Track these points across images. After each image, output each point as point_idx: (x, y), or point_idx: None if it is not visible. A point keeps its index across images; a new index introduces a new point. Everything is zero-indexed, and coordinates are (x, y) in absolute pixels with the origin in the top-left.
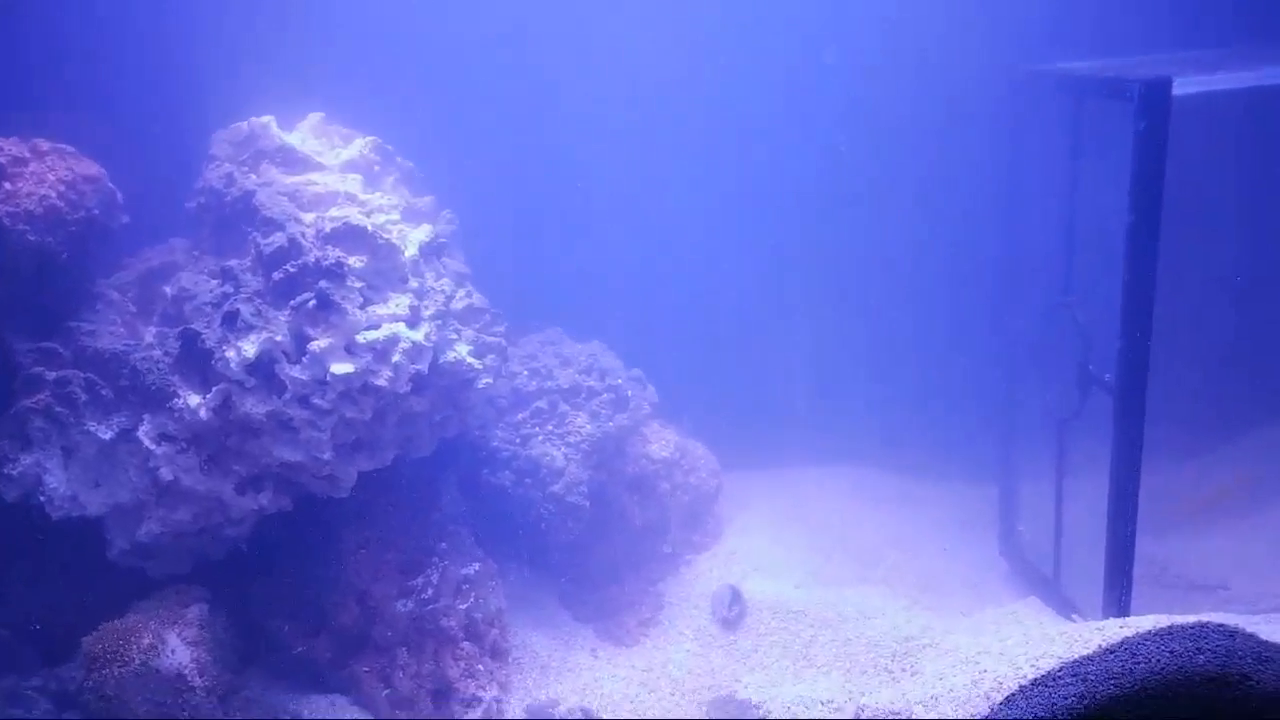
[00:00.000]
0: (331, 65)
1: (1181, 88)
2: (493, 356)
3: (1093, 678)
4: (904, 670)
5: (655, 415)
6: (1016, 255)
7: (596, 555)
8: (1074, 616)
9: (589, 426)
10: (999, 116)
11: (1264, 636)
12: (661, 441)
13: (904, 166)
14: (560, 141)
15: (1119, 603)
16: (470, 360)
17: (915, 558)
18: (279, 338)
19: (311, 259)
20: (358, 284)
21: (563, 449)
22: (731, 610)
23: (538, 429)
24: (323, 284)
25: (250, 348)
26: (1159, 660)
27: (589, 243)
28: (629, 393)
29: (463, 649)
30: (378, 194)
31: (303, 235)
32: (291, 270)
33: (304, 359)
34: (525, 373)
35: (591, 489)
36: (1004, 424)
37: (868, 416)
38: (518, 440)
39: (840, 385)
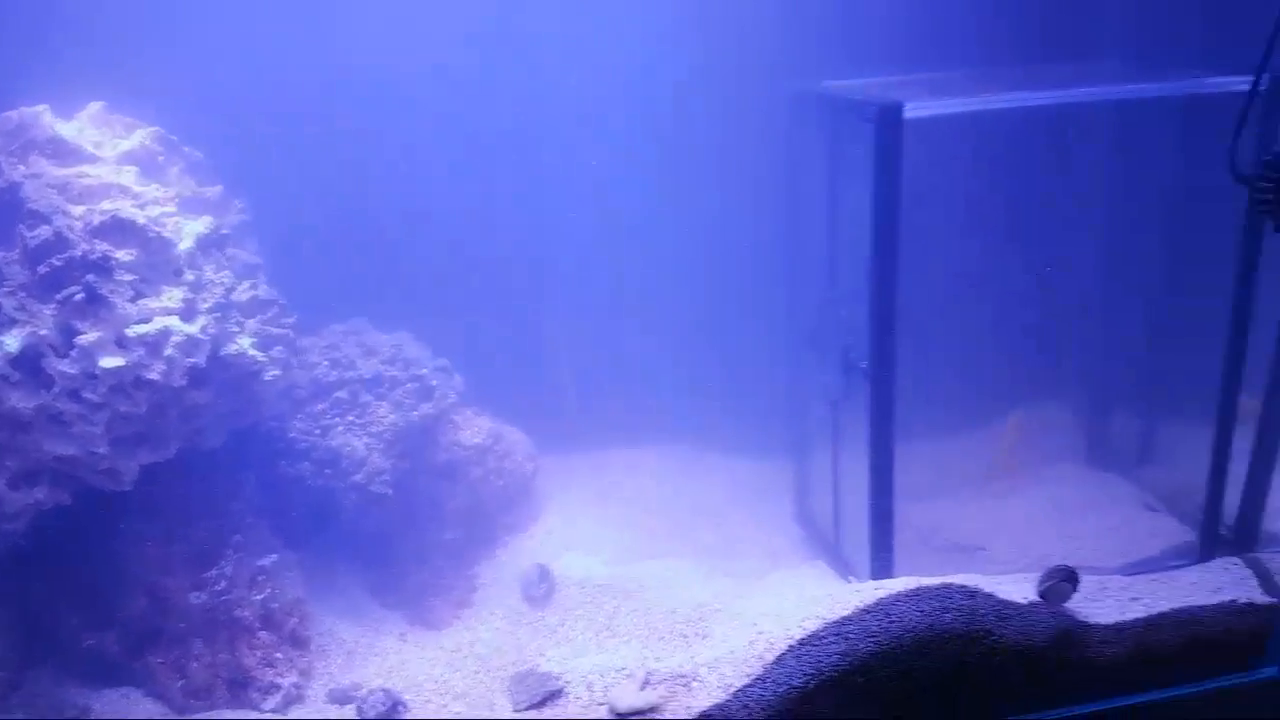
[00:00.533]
0: (126, 51)
1: (913, 111)
2: (280, 348)
3: (853, 636)
4: (697, 635)
5: (469, 403)
6: (799, 257)
7: (406, 543)
8: (850, 578)
9: (392, 416)
10: (784, 132)
11: (1005, 595)
12: (474, 429)
13: (701, 174)
14: (373, 133)
15: (881, 566)
16: (253, 353)
17: (721, 527)
18: (44, 331)
19: (79, 253)
20: (128, 277)
21: (364, 439)
22: (539, 588)
23: (338, 419)
24: (90, 278)
25: (13, 341)
26: (911, 619)
27: (407, 233)
28: (434, 382)
29: (260, 638)
30: (154, 186)
31: (70, 229)
32: (58, 264)
33: (72, 353)
34: (325, 363)
35: (397, 477)
36: (794, 405)
37: (681, 400)
38: (317, 431)
39: (654, 372)
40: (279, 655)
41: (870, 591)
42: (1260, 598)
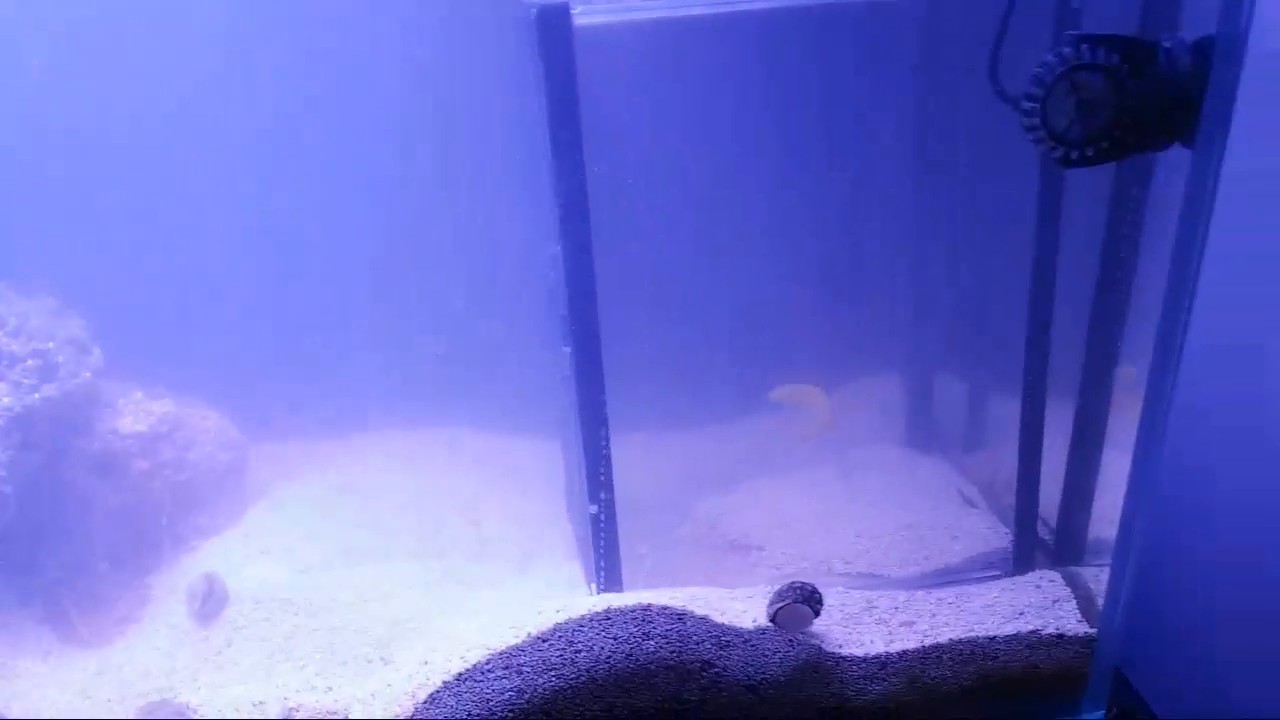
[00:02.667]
0: None
1: (585, 17)
2: None
3: (527, 669)
4: (382, 660)
5: (138, 386)
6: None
7: (54, 547)
8: (592, 585)
9: (8, 399)
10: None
11: (735, 615)
12: (139, 414)
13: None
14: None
15: (607, 577)
16: None
17: (479, 524)
18: None
19: None
20: None
21: None
22: (206, 603)
23: None
24: None
25: None
26: (603, 648)
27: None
28: (59, 359)
29: None
30: None
31: None
32: None
33: None
34: None
35: (26, 471)
36: (554, 379)
37: (460, 376)
38: None
39: (423, 343)
40: None
41: (551, 615)
42: (1074, 627)
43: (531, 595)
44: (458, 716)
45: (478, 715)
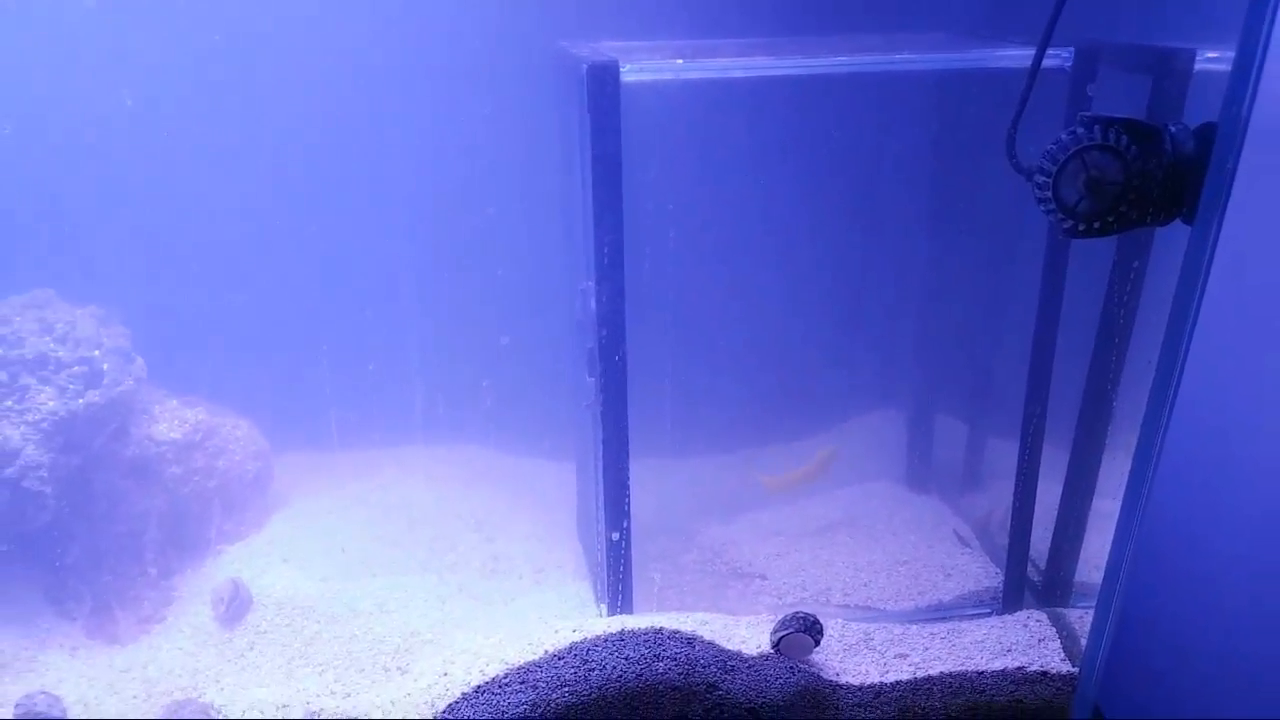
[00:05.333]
0: None
1: (633, 74)
2: None
3: (542, 685)
4: (399, 668)
5: (174, 393)
6: (571, 240)
7: (85, 547)
8: (602, 606)
9: (53, 403)
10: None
11: (740, 642)
12: (174, 421)
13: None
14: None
15: (621, 600)
16: None
17: (493, 540)
18: None
19: None
20: None
21: (21, 428)
22: (231, 606)
23: None
24: None
25: None
26: (615, 667)
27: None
28: (104, 366)
29: None
30: None
31: None
32: None
33: None
34: None
35: (65, 474)
36: (574, 405)
37: (479, 396)
38: None
39: (449, 365)
40: None
41: (567, 634)
42: (1057, 665)
43: (543, 612)
44: None
45: None
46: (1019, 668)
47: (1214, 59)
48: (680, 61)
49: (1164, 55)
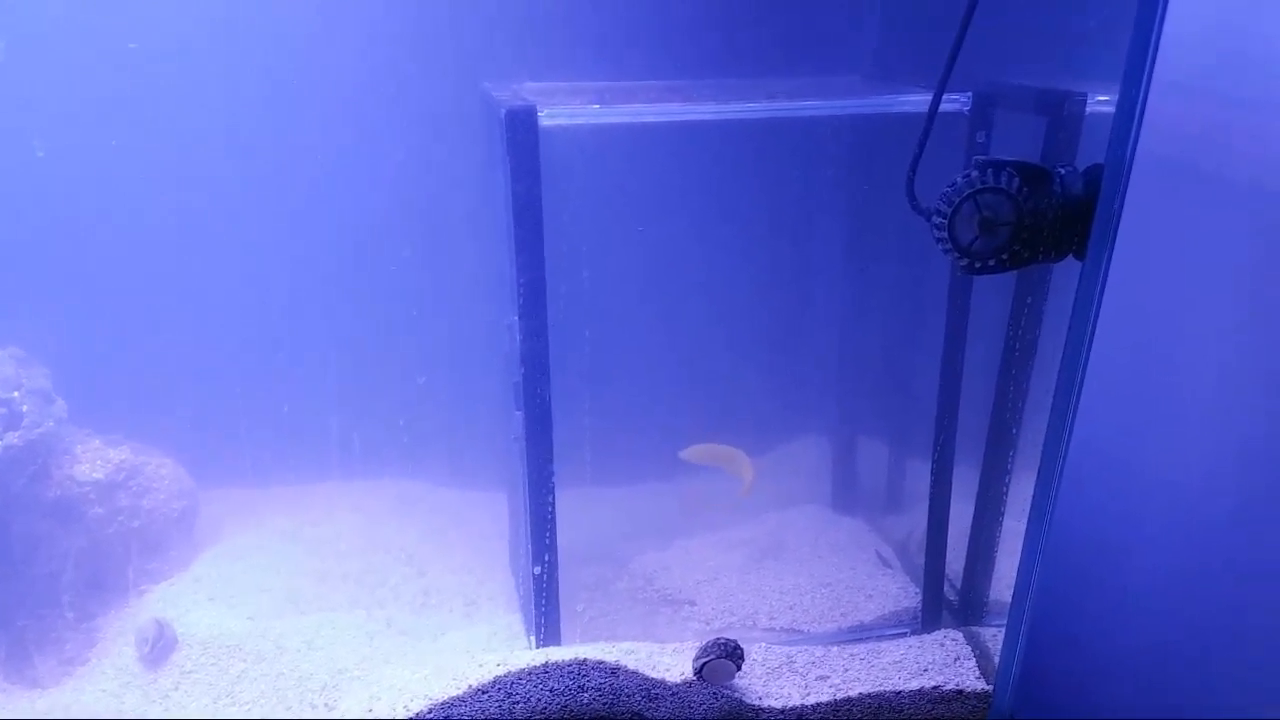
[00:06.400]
0: None
1: (551, 119)
2: None
3: None
4: (326, 706)
5: (97, 432)
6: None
7: (2, 590)
8: (531, 638)
9: None
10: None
11: (665, 669)
12: (96, 461)
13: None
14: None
15: (539, 631)
16: None
17: (424, 574)
18: None
19: None
20: None
21: None
22: (155, 647)
23: None
24: None
25: None
26: (539, 699)
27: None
28: (24, 408)
29: None
30: None
31: None
32: None
33: None
34: None
35: None
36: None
37: (415, 429)
38: None
39: (382, 399)
40: None
41: (491, 667)
42: (972, 683)
43: (473, 646)
44: None
45: None
46: (935, 687)
47: (1105, 102)
48: (597, 106)
49: (1057, 99)
